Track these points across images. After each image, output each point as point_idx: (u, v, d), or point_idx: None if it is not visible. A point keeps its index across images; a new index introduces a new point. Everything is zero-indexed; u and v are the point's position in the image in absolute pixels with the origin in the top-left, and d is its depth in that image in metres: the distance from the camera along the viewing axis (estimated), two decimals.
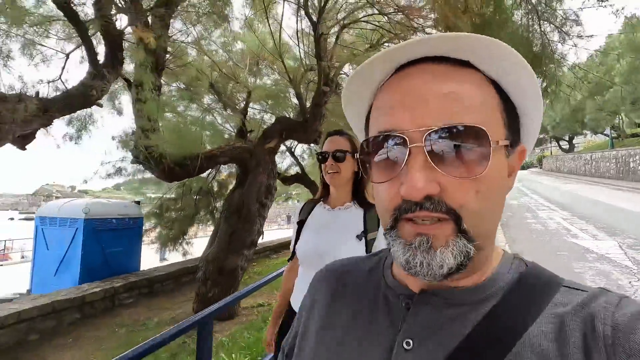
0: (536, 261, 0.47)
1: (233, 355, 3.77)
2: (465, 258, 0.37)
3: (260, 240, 6.19)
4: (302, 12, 5.11)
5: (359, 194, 1.42)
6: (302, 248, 1.42)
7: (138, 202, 7.35)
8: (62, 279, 5.81)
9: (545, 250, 6.80)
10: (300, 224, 1.49)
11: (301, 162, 10.75)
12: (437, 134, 0.36)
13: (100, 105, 3.75)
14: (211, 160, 5.09)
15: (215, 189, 9.08)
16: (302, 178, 10.61)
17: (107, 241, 6.17)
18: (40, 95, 4.07)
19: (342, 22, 4.74)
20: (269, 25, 5.16)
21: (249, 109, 6.90)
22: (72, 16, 3.08)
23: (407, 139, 0.37)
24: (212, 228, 9.54)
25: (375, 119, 0.42)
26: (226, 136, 7.10)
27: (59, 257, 5.88)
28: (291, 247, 1.55)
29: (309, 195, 14.75)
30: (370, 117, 0.44)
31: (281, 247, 11.70)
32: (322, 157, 1.42)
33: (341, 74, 5.89)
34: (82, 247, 5.77)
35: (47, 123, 2.84)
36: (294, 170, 11.47)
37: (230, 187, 9.25)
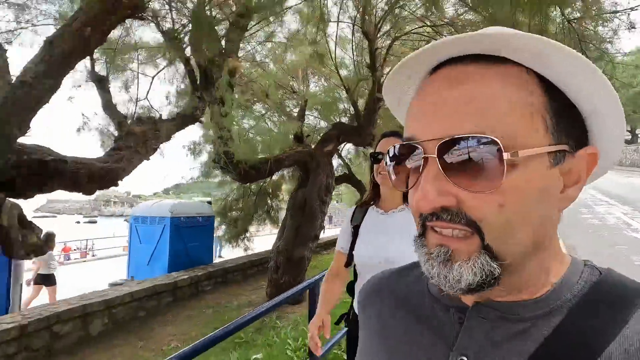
0: (590, 254, 0.55)
1: (304, 328, 4.42)
2: (488, 277, 0.34)
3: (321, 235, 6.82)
4: (352, 24, 5.68)
5: None
6: (362, 255, 1.38)
7: (210, 203, 8.30)
8: (153, 268, 6.84)
9: (601, 244, 6.78)
10: (356, 229, 1.46)
11: (348, 163, 11.28)
12: (448, 144, 0.34)
13: (202, 122, 4.57)
14: (279, 163, 5.80)
15: (270, 190, 9.90)
16: (349, 178, 11.14)
17: (187, 236, 7.14)
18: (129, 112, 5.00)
19: (394, 34, 5.24)
20: (327, 43, 5.77)
21: (304, 116, 7.58)
22: (180, 51, 3.89)
23: (422, 148, 0.36)
24: (269, 226, 10.43)
25: (404, 126, 0.41)
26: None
27: (150, 250, 6.93)
28: (339, 247, 1.53)
29: (352, 196, 15.22)
30: None
31: (330, 244, 12.35)
32: (375, 158, 1.38)
33: None
34: (169, 241, 6.76)
35: (168, 139, 3.65)
36: (341, 170, 12.02)
37: (283, 187, 10.07)
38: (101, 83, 4.40)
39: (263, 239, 11.19)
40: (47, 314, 4.34)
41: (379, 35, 5.11)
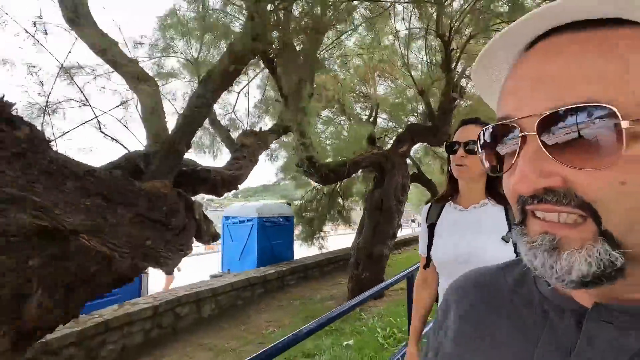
0: None
1: (391, 319, 4.69)
2: (608, 268, 0.28)
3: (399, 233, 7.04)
4: (425, 28, 5.81)
5: (495, 190, 1.24)
6: (439, 255, 1.29)
7: (289, 204, 8.98)
8: (244, 263, 7.66)
9: None
10: (431, 227, 1.36)
11: (417, 163, 11.26)
12: (551, 118, 0.29)
13: (289, 133, 5.15)
14: (356, 165, 6.15)
15: (342, 191, 10.34)
16: (419, 177, 11.11)
17: (272, 235, 7.86)
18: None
19: (469, 33, 5.28)
20: (399, 46, 6.00)
21: (376, 119, 7.87)
22: (274, 73, 4.48)
23: (517, 127, 0.32)
24: (339, 228, 10.87)
25: (497, 108, 0.37)
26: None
27: (241, 247, 7.77)
28: (420, 251, 1.43)
29: (420, 195, 15.03)
30: None
31: (401, 244, 12.47)
32: (451, 148, 1.27)
33: (466, 76, 6.37)
34: (257, 239, 7.52)
35: (267, 147, 4.23)
36: (410, 170, 11.95)
37: (355, 188, 10.42)
38: None
39: (333, 238, 11.68)
40: (171, 297, 5.21)
41: (453, 34, 5.20)
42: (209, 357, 4.59)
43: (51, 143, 1.18)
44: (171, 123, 2.84)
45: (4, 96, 1.07)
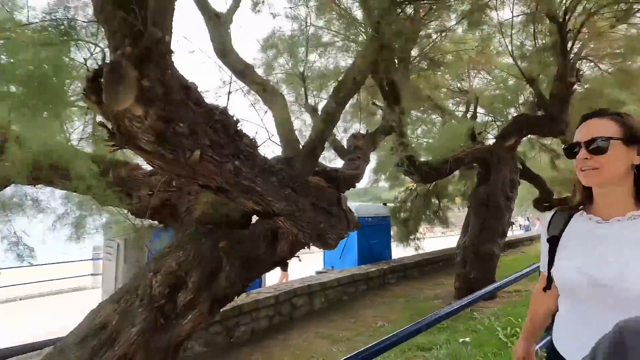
0: None
1: (511, 318, 4.48)
2: None
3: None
4: (533, 11, 5.43)
5: None
6: (563, 275, 1.06)
7: (385, 204, 9.13)
8: (345, 261, 8.03)
9: None
10: (553, 241, 1.13)
11: (522, 157, 10.34)
12: None
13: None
14: (458, 162, 6.01)
15: (437, 191, 10.07)
16: (524, 173, 10.17)
17: (370, 234, 8.09)
18: None
19: (588, 9, 4.80)
20: (502, 35, 5.72)
21: (475, 113, 7.55)
22: (379, 78, 4.76)
23: None
24: (435, 228, 10.59)
25: None
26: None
27: (341, 245, 8.17)
28: (542, 267, 1.20)
29: (525, 192, 13.59)
30: None
31: (506, 246, 11.56)
32: (570, 151, 1.05)
33: (583, 58, 5.77)
34: (357, 238, 7.83)
35: (375, 148, 4.51)
36: None
37: (451, 187, 10.06)
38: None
39: (428, 241, 11.40)
40: (287, 289, 5.79)
41: (569, 14, 4.78)
42: (325, 344, 4.98)
43: (258, 148, 1.60)
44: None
45: (234, 115, 1.51)
